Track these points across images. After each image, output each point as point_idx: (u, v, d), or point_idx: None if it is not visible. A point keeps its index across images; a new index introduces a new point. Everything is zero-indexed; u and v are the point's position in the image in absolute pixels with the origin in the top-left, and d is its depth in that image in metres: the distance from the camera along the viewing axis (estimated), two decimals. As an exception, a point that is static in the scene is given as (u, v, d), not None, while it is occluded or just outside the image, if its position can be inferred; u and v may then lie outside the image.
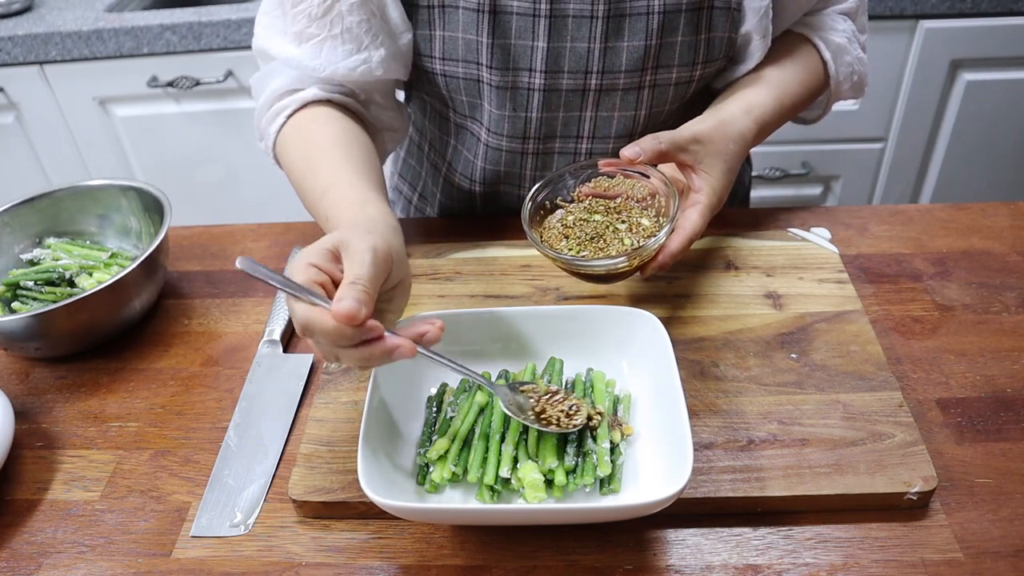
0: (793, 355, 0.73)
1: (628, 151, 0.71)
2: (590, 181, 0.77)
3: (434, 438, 0.65)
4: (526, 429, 0.64)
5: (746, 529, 0.61)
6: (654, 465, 0.62)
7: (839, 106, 1.72)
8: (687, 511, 0.61)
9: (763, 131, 0.81)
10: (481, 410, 0.66)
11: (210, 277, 0.91)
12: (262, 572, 0.60)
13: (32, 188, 0.92)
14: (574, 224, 0.74)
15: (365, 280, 0.54)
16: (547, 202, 0.77)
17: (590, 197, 0.76)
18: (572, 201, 0.77)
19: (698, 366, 0.72)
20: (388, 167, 1.15)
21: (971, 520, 0.60)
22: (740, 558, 0.59)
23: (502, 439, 0.63)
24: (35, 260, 0.88)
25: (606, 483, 0.61)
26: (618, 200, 0.76)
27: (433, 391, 0.70)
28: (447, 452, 0.63)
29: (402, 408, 0.67)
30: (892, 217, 0.93)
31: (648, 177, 0.75)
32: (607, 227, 0.73)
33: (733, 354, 0.74)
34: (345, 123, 0.80)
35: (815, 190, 1.82)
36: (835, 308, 0.78)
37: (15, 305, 0.84)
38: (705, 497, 0.61)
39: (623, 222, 0.74)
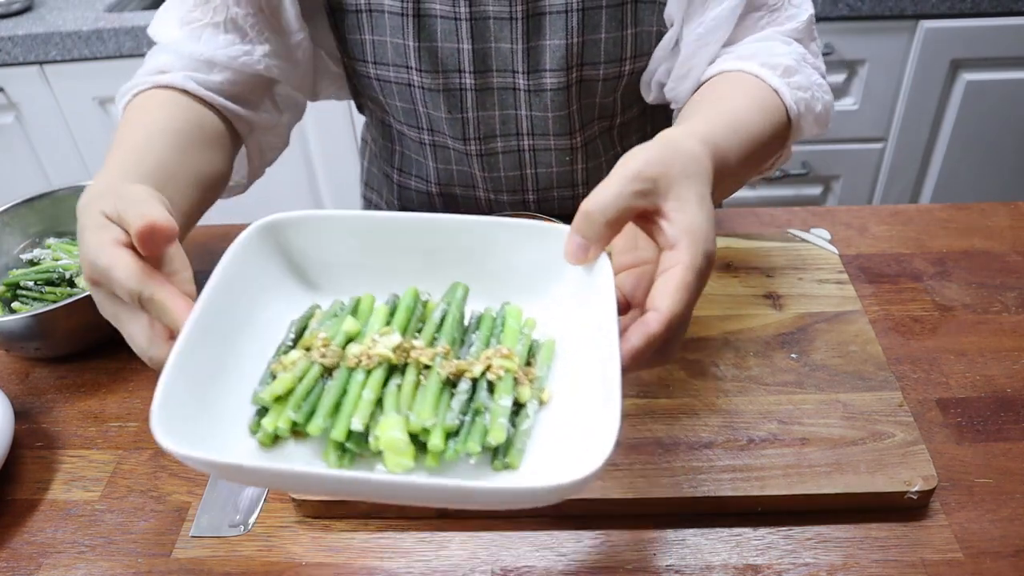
0: (793, 355, 0.73)
1: (574, 256, 0.49)
2: None
3: (280, 373, 0.47)
4: (402, 369, 0.47)
5: (746, 529, 0.61)
6: (570, 436, 0.46)
7: (839, 106, 1.72)
8: (687, 511, 0.61)
9: (722, 161, 0.55)
10: (350, 340, 0.49)
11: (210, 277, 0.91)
12: (262, 572, 0.60)
13: (32, 188, 0.92)
14: None
15: (161, 203, 0.53)
16: None
17: None
18: None
19: (698, 366, 0.72)
20: (355, 177, 1.13)
21: (971, 520, 0.60)
22: (740, 558, 0.59)
23: (366, 381, 0.46)
24: (35, 260, 0.88)
25: (500, 454, 0.45)
26: None
27: (298, 315, 0.52)
28: (290, 393, 0.46)
29: (252, 334, 0.50)
30: (892, 217, 0.93)
31: None
32: None
33: (733, 354, 0.74)
34: (187, 112, 0.73)
35: (815, 190, 1.82)
36: (835, 308, 0.78)
37: (15, 305, 0.84)
38: (705, 496, 0.61)
39: None
